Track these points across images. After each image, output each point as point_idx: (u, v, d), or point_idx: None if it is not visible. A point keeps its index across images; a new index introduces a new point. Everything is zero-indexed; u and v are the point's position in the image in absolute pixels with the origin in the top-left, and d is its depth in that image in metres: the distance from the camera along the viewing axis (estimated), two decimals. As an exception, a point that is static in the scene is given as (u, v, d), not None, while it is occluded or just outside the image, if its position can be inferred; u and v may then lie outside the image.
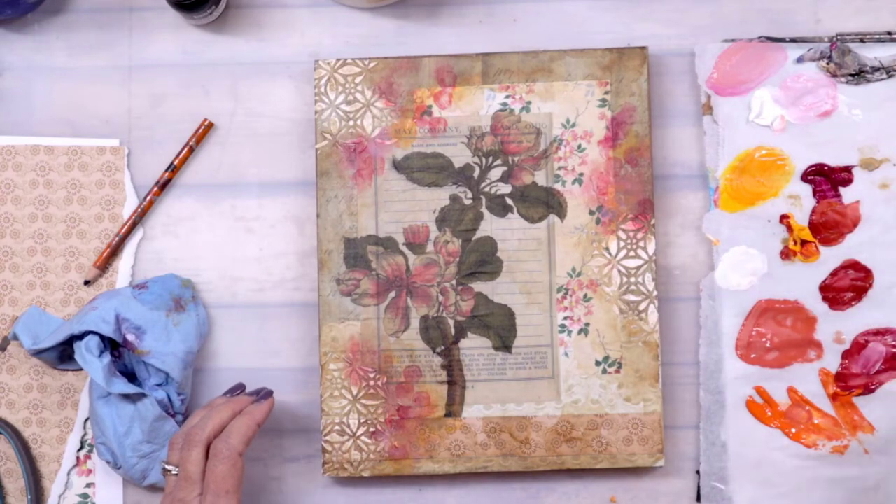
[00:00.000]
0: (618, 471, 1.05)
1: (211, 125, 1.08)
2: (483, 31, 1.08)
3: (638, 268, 1.04)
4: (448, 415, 1.04)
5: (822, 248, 1.04)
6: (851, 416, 1.03)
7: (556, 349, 1.04)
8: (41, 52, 1.09)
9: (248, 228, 1.08)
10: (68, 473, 1.06)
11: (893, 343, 1.03)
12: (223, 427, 0.96)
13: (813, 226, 1.05)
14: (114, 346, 1.03)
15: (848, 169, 1.05)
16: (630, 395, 1.03)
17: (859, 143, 1.05)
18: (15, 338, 1.05)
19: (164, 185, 1.07)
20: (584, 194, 1.05)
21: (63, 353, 1.05)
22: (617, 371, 1.04)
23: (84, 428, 1.06)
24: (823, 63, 1.05)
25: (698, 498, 1.05)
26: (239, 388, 1.02)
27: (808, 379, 1.04)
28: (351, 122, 1.06)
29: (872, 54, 1.05)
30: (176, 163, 1.07)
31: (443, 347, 1.04)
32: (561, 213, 1.05)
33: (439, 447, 1.04)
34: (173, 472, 0.95)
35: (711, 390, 1.04)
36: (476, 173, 1.05)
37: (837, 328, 1.04)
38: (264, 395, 1.00)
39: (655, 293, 1.04)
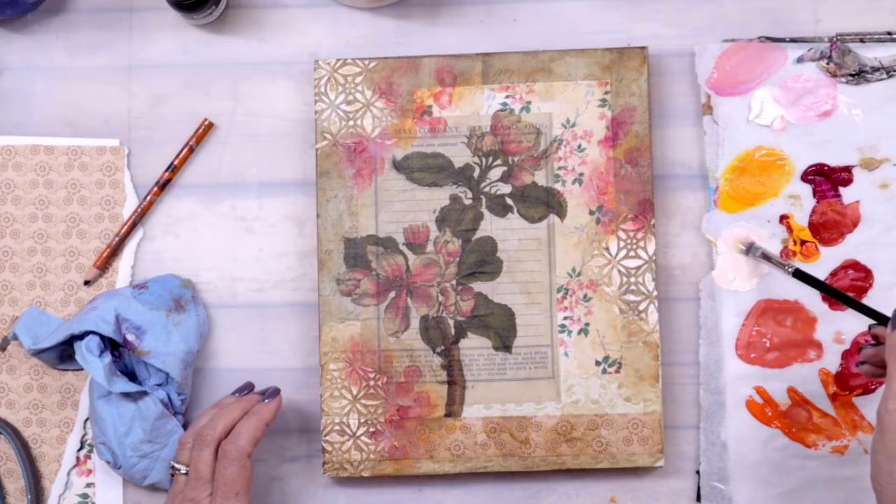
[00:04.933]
0: (618, 471, 1.05)
1: (211, 125, 1.08)
2: (483, 31, 1.08)
3: (638, 268, 1.04)
4: (448, 415, 1.04)
5: (822, 248, 1.04)
6: (851, 416, 1.03)
7: (556, 349, 1.04)
8: (41, 52, 1.09)
9: (248, 228, 1.08)
10: (68, 473, 1.06)
11: (893, 343, 1.03)
12: (233, 427, 0.97)
13: (813, 226, 1.05)
14: (114, 346, 1.03)
15: (848, 169, 1.05)
16: (630, 395, 1.03)
17: (859, 143, 1.05)
18: (15, 338, 1.05)
19: (164, 185, 1.07)
20: (584, 194, 1.05)
21: (63, 353, 1.05)
22: (617, 371, 1.04)
23: (84, 428, 1.06)
24: (823, 63, 1.05)
25: (698, 498, 1.05)
26: (247, 388, 1.02)
27: (808, 379, 1.04)
28: (351, 122, 1.06)
29: (872, 54, 1.05)
30: (176, 163, 1.07)
31: (443, 347, 1.04)
32: (561, 213, 1.05)
33: (439, 447, 1.04)
34: (182, 472, 0.96)
35: (711, 390, 1.04)
36: (476, 173, 1.05)
37: (837, 328, 1.04)
38: (272, 393, 1.00)
39: (655, 293, 1.04)
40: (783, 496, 1.03)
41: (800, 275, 1.00)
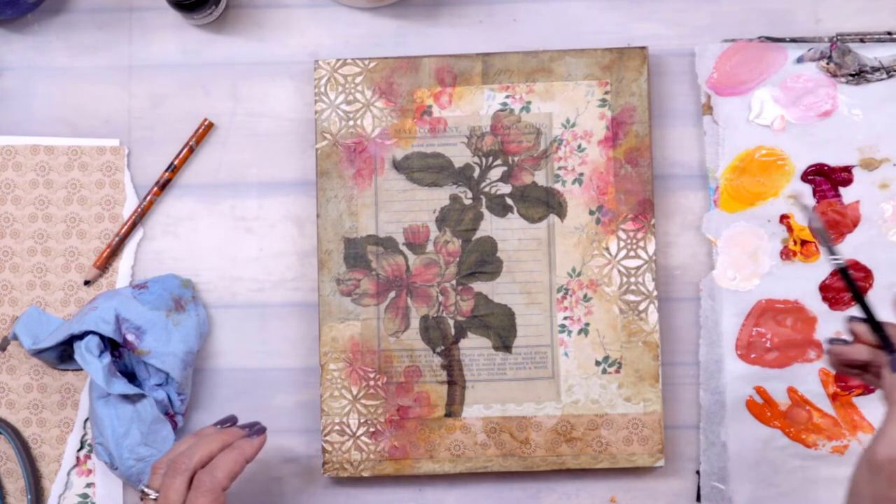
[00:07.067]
0: (618, 471, 1.05)
1: (211, 125, 1.08)
2: (483, 31, 1.08)
3: (638, 268, 1.04)
4: (448, 415, 1.04)
5: (822, 249, 1.04)
6: (851, 416, 1.03)
7: (556, 349, 1.04)
8: (41, 52, 1.09)
9: (248, 228, 1.08)
10: (68, 473, 1.06)
11: (893, 343, 1.03)
12: (210, 458, 0.92)
13: (813, 226, 1.05)
14: (114, 346, 1.03)
15: (848, 169, 1.05)
16: (630, 395, 1.03)
17: (859, 143, 1.05)
18: (15, 338, 1.05)
19: (164, 185, 1.07)
20: (584, 194, 1.05)
21: (63, 353, 1.05)
22: (617, 371, 1.04)
23: (84, 428, 1.06)
24: (823, 63, 1.05)
25: (698, 498, 1.05)
26: (230, 420, 0.98)
27: (808, 379, 1.04)
28: (351, 122, 1.06)
29: (872, 54, 1.05)
30: (176, 163, 1.07)
31: (443, 347, 1.04)
32: (561, 213, 1.05)
33: (439, 447, 1.04)
34: (152, 497, 0.92)
35: (711, 390, 1.04)
36: (476, 173, 1.05)
37: (837, 328, 1.04)
38: (257, 430, 0.96)
39: (655, 293, 1.04)
40: (783, 496, 1.03)
41: (844, 274, 0.88)
